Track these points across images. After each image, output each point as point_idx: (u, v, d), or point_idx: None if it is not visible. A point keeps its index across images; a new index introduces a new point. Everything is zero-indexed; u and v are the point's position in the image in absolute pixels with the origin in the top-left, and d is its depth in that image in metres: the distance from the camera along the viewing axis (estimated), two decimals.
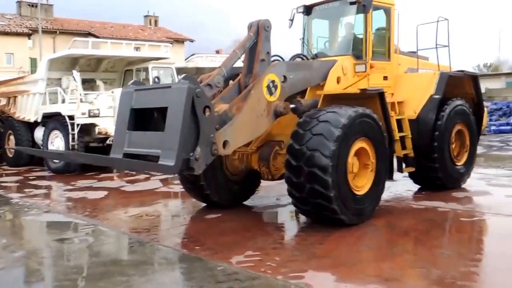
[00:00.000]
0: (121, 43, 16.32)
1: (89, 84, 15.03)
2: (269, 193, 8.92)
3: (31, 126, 15.45)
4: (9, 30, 39.00)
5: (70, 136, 12.89)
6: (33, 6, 42.98)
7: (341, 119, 6.16)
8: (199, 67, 17.75)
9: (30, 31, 39.61)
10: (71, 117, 12.95)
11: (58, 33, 41.76)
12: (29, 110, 15.13)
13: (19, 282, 5.00)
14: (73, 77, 13.13)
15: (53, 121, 13.75)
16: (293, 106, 6.77)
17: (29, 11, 43.67)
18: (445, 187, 8.49)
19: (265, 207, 8.01)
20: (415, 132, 7.94)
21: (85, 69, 15.07)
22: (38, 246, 6.37)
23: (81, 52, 14.57)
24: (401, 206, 7.75)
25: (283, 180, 6.89)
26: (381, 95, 7.14)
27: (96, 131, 13.21)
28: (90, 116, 13.02)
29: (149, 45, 16.84)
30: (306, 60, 7.92)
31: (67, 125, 12.96)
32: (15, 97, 15.90)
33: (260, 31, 6.62)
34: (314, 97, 7.11)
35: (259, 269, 4.83)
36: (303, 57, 8.03)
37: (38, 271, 5.34)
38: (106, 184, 11.27)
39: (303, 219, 6.95)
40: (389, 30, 8.36)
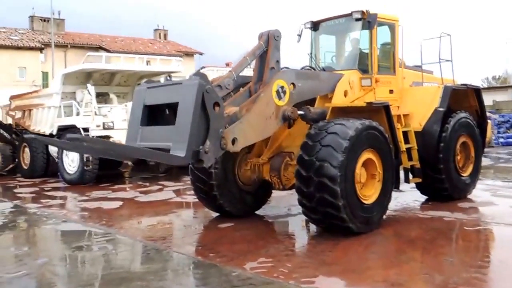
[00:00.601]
0: (134, 57, 16.73)
1: (102, 97, 15.42)
2: (280, 203, 9.15)
3: None
4: (22, 44, 39.59)
5: None
6: (45, 20, 43.69)
7: (348, 131, 6.43)
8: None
9: (42, 46, 40.21)
10: (86, 130, 13.30)
11: (69, 47, 42.34)
12: (44, 123, 15.53)
13: (43, 287, 5.28)
14: (88, 90, 13.54)
15: (68, 133, 14.09)
16: (301, 112, 7.04)
17: (41, 25, 44.36)
18: (451, 198, 8.69)
19: (276, 217, 8.25)
20: (421, 143, 8.18)
21: (99, 83, 15.48)
22: (58, 253, 6.65)
23: (95, 66, 15.00)
24: (408, 215, 7.97)
25: (293, 190, 7.19)
26: (386, 108, 7.40)
27: None
28: (104, 128, 13.37)
29: (160, 59, 17.25)
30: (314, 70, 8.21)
31: None
32: (30, 110, 16.33)
33: (270, 40, 6.94)
34: (322, 106, 7.40)
35: (272, 275, 5.09)
36: (311, 69, 8.32)
37: (61, 276, 5.61)
38: (120, 195, 11.58)
39: (313, 228, 7.21)
40: (394, 45, 8.64)
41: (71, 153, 13.97)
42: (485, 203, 8.81)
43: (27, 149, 16.62)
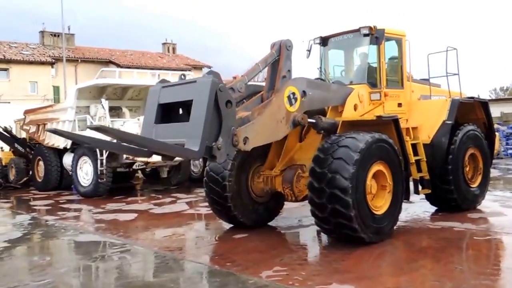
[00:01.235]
0: (146, 72, 17.07)
1: (115, 111, 15.73)
2: (292, 215, 9.34)
3: (60, 152, 16.18)
4: (33, 59, 40.29)
5: (98, 161, 13.53)
6: (56, 35, 44.46)
7: (359, 144, 6.64)
8: None
9: (53, 60, 40.88)
10: None
11: (80, 61, 43.04)
12: (58, 137, 15.75)
13: None
14: (102, 105, 13.85)
15: (82, 147, 14.38)
16: (313, 121, 7.23)
17: (52, 40, 45.16)
18: (460, 208, 8.83)
19: (289, 227, 8.43)
20: (430, 155, 8.34)
21: (112, 97, 15.79)
22: (79, 263, 6.85)
23: (108, 81, 15.31)
24: (418, 226, 8.13)
25: (304, 202, 7.40)
26: (395, 122, 7.60)
27: (123, 157, 13.77)
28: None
29: (172, 73, 17.58)
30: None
31: (96, 151, 13.60)
32: (45, 124, 16.60)
33: (282, 50, 7.16)
34: (334, 117, 7.63)
35: (287, 282, 5.28)
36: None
37: (83, 285, 5.84)
38: (134, 207, 11.81)
39: (325, 238, 7.38)
40: (401, 59, 8.86)
41: (85, 167, 14.27)
42: (494, 213, 8.95)
43: (41, 162, 16.91)
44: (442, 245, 6.70)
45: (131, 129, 13.89)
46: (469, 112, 9.46)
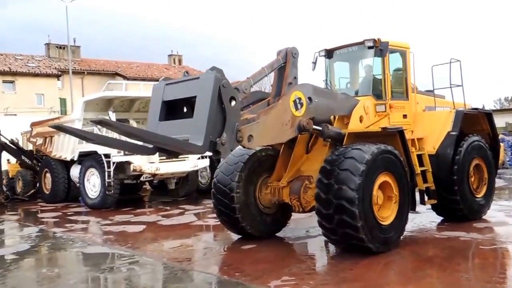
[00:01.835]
0: (152, 84, 17.17)
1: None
2: (299, 225, 9.41)
3: (67, 164, 16.28)
4: (39, 71, 40.64)
5: (106, 173, 13.63)
6: (61, 48, 44.85)
7: (365, 155, 6.74)
8: None
9: (59, 72, 41.21)
10: (107, 155, 13.70)
11: (86, 73, 43.38)
12: (65, 149, 15.94)
13: None
14: (109, 117, 13.96)
15: (90, 159, 14.52)
16: (319, 128, 7.32)
17: (57, 52, 45.52)
18: (466, 218, 8.89)
19: (296, 238, 8.51)
20: (435, 166, 8.42)
21: (119, 109, 15.96)
22: (88, 275, 6.92)
23: (115, 94, 15.53)
24: (424, 236, 8.20)
25: (312, 213, 7.49)
26: (401, 133, 7.69)
27: (131, 168, 13.89)
28: (125, 154, 13.70)
29: None
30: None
31: (103, 163, 13.72)
32: (52, 136, 16.74)
33: (288, 57, 7.29)
34: (340, 127, 7.74)
35: None
36: None
37: None
38: (142, 218, 11.90)
39: (333, 248, 7.46)
40: (406, 71, 8.98)
41: (93, 179, 14.38)
42: (500, 223, 9.00)
43: (48, 174, 17.00)
44: (448, 255, 6.77)
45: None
46: (474, 123, 9.55)
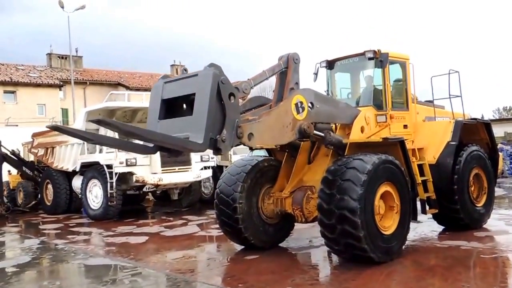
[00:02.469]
0: None
1: None
2: (302, 235, 9.44)
3: (69, 175, 16.30)
4: (40, 81, 40.69)
5: (108, 184, 13.63)
6: (63, 58, 44.98)
7: (366, 166, 6.81)
8: None
9: (61, 83, 41.28)
10: (109, 166, 13.71)
11: (88, 83, 43.46)
12: (67, 159, 15.97)
13: None
14: None
15: (92, 170, 14.54)
16: (321, 134, 7.41)
17: (59, 63, 45.61)
18: (467, 227, 8.96)
19: (299, 248, 8.55)
20: (436, 176, 8.49)
21: (121, 120, 15.90)
22: (90, 287, 6.88)
23: (118, 104, 15.56)
24: (426, 245, 8.26)
25: (314, 223, 7.55)
26: (401, 143, 7.77)
27: (133, 179, 13.90)
28: (127, 165, 13.74)
29: None
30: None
31: (105, 174, 13.71)
32: (53, 147, 16.76)
33: (289, 62, 7.38)
34: (342, 135, 7.85)
35: None
36: None
37: None
38: (145, 229, 11.90)
39: (335, 258, 7.50)
40: (406, 82, 9.08)
41: (95, 190, 14.38)
42: (500, 231, 9.07)
43: (50, 186, 16.97)
44: (449, 264, 6.84)
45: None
46: (473, 132, 9.65)
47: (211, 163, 15.45)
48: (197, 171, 14.87)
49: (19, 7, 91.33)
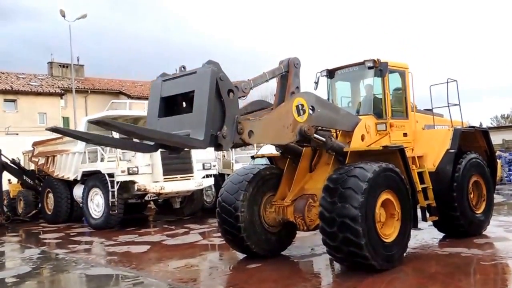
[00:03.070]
0: None
1: None
2: (304, 244, 9.47)
3: (70, 184, 16.31)
4: (41, 90, 40.72)
5: (110, 193, 13.63)
6: (64, 66, 45.02)
7: (367, 174, 6.88)
8: None
9: (62, 91, 41.29)
10: (110, 175, 13.72)
11: (89, 92, 43.46)
12: (68, 168, 15.97)
13: None
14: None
15: (93, 179, 14.54)
16: (323, 139, 7.48)
17: (60, 71, 45.61)
18: (467, 234, 9.02)
19: (301, 257, 8.58)
20: (435, 183, 8.54)
21: None
22: None
23: (119, 113, 15.57)
24: (427, 252, 8.31)
25: (316, 231, 7.60)
26: (401, 151, 7.84)
27: (135, 188, 13.92)
28: (129, 173, 13.75)
29: None
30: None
31: (107, 183, 13.72)
32: (54, 156, 16.76)
33: (290, 67, 7.44)
34: (343, 142, 7.94)
35: None
36: None
37: None
38: (147, 238, 11.89)
39: (338, 266, 7.53)
40: (405, 90, 9.18)
41: (96, 199, 14.40)
42: (499, 238, 9.13)
43: (50, 195, 16.95)
44: (450, 271, 6.90)
45: (142, 160, 14.08)
46: (471, 140, 9.73)
47: (213, 171, 15.49)
48: (199, 180, 14.87)
49: (20, 16, 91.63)
